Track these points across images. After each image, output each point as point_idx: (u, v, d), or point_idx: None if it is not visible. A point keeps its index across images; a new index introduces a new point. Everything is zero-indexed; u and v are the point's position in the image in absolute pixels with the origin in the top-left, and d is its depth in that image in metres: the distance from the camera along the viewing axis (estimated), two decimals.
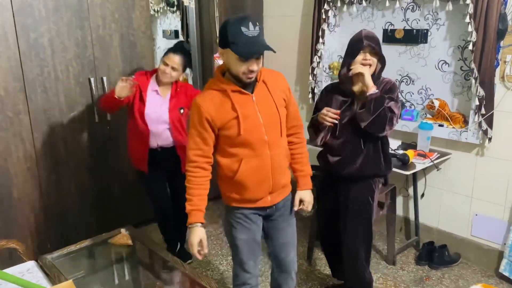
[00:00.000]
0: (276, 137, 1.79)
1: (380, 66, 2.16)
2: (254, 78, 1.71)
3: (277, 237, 1.98)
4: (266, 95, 1.76)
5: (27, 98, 2.69)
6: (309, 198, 1.97)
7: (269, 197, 1.87)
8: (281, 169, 1.86)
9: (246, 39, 1.56)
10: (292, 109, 1.89)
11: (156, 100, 2.64)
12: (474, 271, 2.88)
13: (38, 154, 2.79)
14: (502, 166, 2.72)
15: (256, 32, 1.58)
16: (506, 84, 2.61)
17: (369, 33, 2.15)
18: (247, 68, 1.63)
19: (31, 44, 2.65)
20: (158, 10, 4.05)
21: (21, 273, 1.93)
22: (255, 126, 1.73)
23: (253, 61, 1.62)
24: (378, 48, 2.13)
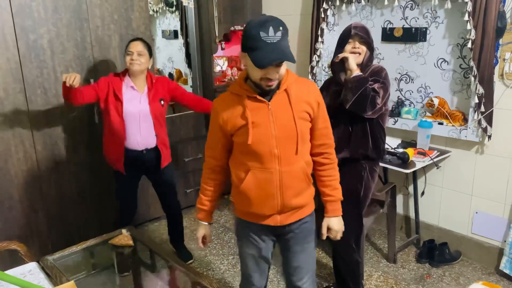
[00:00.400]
0: (289, 152, 1.62)
1: (369, 54, 2.27)
2: (276, 85, 1.59)
3: (290, 259, 1.84)
4: (285, 105, 1.61)
5: (27, 99, 2.69)
6: (337, 226, 1.79)
7: (278, 217, 1.72)
8: (293, 189, 1.68)
9: (264, 45, 1.44)
10: (320, 126, 1.69)
11: (134, 95, 2.62)
12: (474, 269, 2.89)
13: (39, 155, 2.80)
14: (502, 163, 2.72)
15: (277, 38, 1.44)
16: (505, 82, 2.61)
17: (358, 24, 2.29)
18: (264, 75, 1.52)
19: (31, 46, 2.65)
20: (157, 10, 4.05)
21: (23, 274, 1.93)
22: (266, 137, 1.60)
23: (272, 69, 1.51)
24: (367, 37, 2.25)
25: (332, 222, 1.78)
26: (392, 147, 2.95)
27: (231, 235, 3.37)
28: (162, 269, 2.25)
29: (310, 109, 1.64)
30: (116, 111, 2.59)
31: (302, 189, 1.70)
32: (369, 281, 2.77)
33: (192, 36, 3.70)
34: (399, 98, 3.20)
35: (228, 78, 4.04)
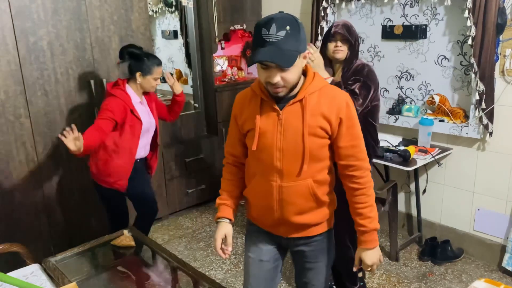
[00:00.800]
0: (293, 168, 1.50)
1: (350, 51, 2.27)
2: (287, 92, 1.45)
3: (299, 273, 1.76)
4: (297, 117, 1.47)
5: (28, 101, 2.70)
6: (370, 260, 1.58)
7: (281, 228, 1.62)
8: (295, 206, 1.55)
9: (261, 43, 1.35)
10: (343, 144, 1.50)
11: (144, 110, 2.61)
12: (477, 266, 2.88)
13: (40, 157, 2.80)
14: (503, 160, 2.72)
15: (277, 37, 1.33)
16: (506, 78, 2.61)
17: (339, 22, 2.31)
18: (266, 79, 1.41)
19: (31, 48, 2.65)
20: (157, 10, 4.05)
21: (25, 276, 1.93)
22: (269, 147, 1.50)
23: (274, 71, 1.38)
24: (348, 34, 2.25)
25: (365, 254, 1.58)
26: (393, 145, 2.95)
27: (234, 234, 3.37)
28: (164, 269, 2.26)
29: (327, 125, 1.47)
30: (132, 131, 2.51)
31: (309, 208, 1.57)
32: (371, 280, 2.77)
33: (192, 36, 3.70)
34: (399, 95, 3.20)
35: (228, 77, 4.04)
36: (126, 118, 2.47)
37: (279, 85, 1.41)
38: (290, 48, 1.35)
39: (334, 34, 2.25)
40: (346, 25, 2.28)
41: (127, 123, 2.49)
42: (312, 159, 1.49)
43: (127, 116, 2.48)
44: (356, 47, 2.28)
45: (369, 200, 1.56)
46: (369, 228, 1.55)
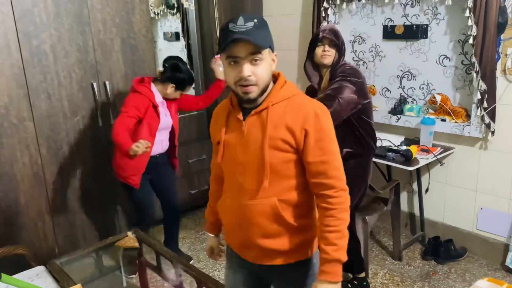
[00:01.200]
0: (255, 184, 1.34)
1: (338, 55, 2.30)
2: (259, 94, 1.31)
3: None
4: (259, 128, 1.33)
5: (31, 104, 2.71)
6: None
7: (249, 252, 1.45)
8: (260, 228, 1.38)
9: (230, 34, 1.23)
10: (311, 159, 1.30)
11: (164, 110, 2.71)
12: (480, 265, 2.88)
13: (44, 160, 2.82)
14: (506, 159, 2.72)
15: (246, 27, 1.22)
16: (507, 77, 2.61)
17: (326, 27, 2.33)
18: (237, 75, 1.27)
19: (34, 51, 2.67)
20: (158, 12, 4.06)
21: (30, 278, 1.95)
22: (232, 161, 1.40)
23: (244, 63, 1.26)
24: (336, 39, 2.28)
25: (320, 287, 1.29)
26: (395, 144, 2.95)
27: None
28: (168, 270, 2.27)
29: (291, 138, 1.30)
30: (149, 128, 2.60)
31: (275, 231, 1.38)
32: (375, 279, 2.77)
33: (194, 37, 3.71)
34: (401, 95, 3.20)
35: None
36: (146, 115, 2.58)
37: (251, 80, 1.27)
38: (260, 34, 1.25)
39: (322, 39, 2.29)
40: (333, 29, 2.31)
41: (146, 119, 2.59)
42: (275, 175, 1.33)
43: (147, 112, 2.58)
44: (343, 52, 2.31)
45: (339, 224, 1.30)
46: (332, 257, 1.28)
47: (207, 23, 3.63)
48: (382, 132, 3.23)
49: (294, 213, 1.38)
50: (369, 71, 3.38)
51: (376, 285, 2.72)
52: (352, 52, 3.46)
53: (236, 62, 1.27)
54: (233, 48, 1.25)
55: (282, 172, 1.34)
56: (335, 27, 2.35)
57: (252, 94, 1.31)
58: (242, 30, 1.22)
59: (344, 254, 1.30)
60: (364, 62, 3.40)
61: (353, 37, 3.43)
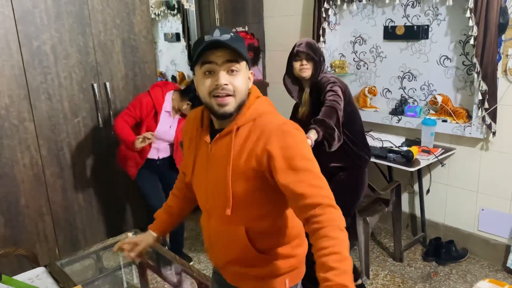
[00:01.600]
0: (218, 210, 1.26)
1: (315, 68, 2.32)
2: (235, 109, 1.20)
3: None
4: (224, 153, 1.22)
5: (32, 105, 2.71)
6: None
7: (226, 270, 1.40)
8: (227, 254, 1.33)
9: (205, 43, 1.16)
10: (285, 181, 1.11)
11: (167, 121, 2.75)
12: (481, 266, 2.87)
13: (44, 161, 2.82)
14: (507, 159, 2.71)
15: (223, 38, 1.14)
16: (509, 78, 2.60)
17: (302, 41, 2.35)
18: (212, 83, 1.16)
19: (34, 52, 2.67)
20: (159, 13, 4.06)
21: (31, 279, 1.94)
22: (198, 183, 1.34)
23: (221, 72, 1.16)
24: (312, 52, 2.30)
25: None
26: (396, 145, 2.95)
27: None
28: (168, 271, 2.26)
29: (255, 164, 1.17)
30: (147, 130, 2.66)
31: (248, 259, 1.29)
32: (376, 280, 2.77)
33: (194, 38, 3.71)
34: (402, 96, 3.20)
35: None
36: (147, 117, 2.65)
37: (227, 90, 1.16)
38: (238, 46, 1.16)
39: (298, 53, 2.31)
40: (309, 43, 2.33)
41: (146, 122, 2.66)
42: (241, 204, 1.22)
43: (148, 116, 2.65)
44: (321, 64, 2.33)
45: (334, 244, 1.02)
46: (335, 282, 0.97)
47: (208, 24, 3.63)
48: (383, 133, 3.23)
49: (267, 242, 1.28)
50: (370, 72, 3.37)
51: (377, 286, 2.71)
52: (353, 53, 3.46)
53: (211, 72, 1.17)
54: (209, 54, 1.16)
55: (250, 201, 1.22)
56: (311, 41, 2.37)
57: (229, 107, 1.18)
58: (220, 40, 1.14)
59: (351, 279, 0.99)
60: (364, 63, 3.40)
61: (353, 37, 3.42)
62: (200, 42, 1.17)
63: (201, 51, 1.16)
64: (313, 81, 2.34)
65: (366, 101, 3.34)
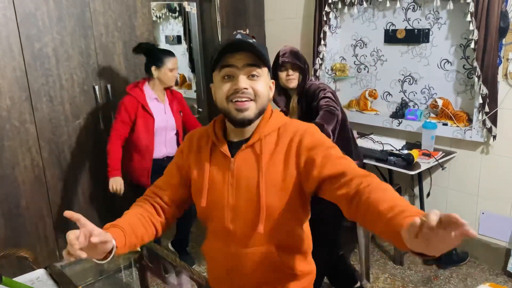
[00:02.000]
0: (248, 230, 1.16)
1: (302, 76, 2.29)
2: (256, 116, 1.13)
3: None
4: (252, 164, 1.15)
5: (33, 107, 2.72)
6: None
7: None
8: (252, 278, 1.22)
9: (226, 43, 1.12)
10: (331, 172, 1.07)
11: (159, 107, 2.70)
12: (482, 270, 2.87)
13: (45, 162, 2.82)
14: (507, 163, 2.71)
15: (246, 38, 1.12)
16: (509, 82, 2.61)
17: (286, 50, 2.28)
18: (231, 87, 1.10)
19: (36, 54, 2.68)
20: (160, 16, 4.07)
21: (31, 281, 1.94)
22: (219, 205, 1.18)
23: (240, 76, 1.10)
24: (297, 61, 2.25)
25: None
26: (396, 148, 2.95)
27: None
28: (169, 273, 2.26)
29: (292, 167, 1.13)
30: (145, 127, 2.64)
31: (274, 280, 1.23)
32: (376, 284, 2.76)
33: (195, 41, 3.72)
34: (403, 99, 3.20)
35: None
36: (138, 114, 2.61)
37: (248, 94, 1.10)
38: (262, 49, 1.12)
39: (283, 64, 2.25)
40: (293, 51, 2.28)
41: (139, 118, 2.61)
42: (274, 219, 1.14)
43: (138, 111, 2.60)
44: (307, 71, 2.29)
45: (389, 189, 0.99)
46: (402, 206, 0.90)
47: (209, 27, 3.64)
48: (383, 136, 3.23)
49: (296, 259, 1.23)
50: (371, 75, 3.38)
51: None
52: (354, 56, 3.47)
53: (230, 76, 1.11)
54: (229, 57, 1.10)
55: (282, 214, 1.14)
56: (295, 49, 2.32)
57: (249, 113, 1.11)
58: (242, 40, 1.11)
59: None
60: (365, 66, 3.40)
61: (354, 41, 3.43)
62: (219, 46, 1.12)
63: (222, 53, 1.10)
64: (300, 90, 2.30)
65: (367, 104, 3.35)
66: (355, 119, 3.40)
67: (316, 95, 2.24)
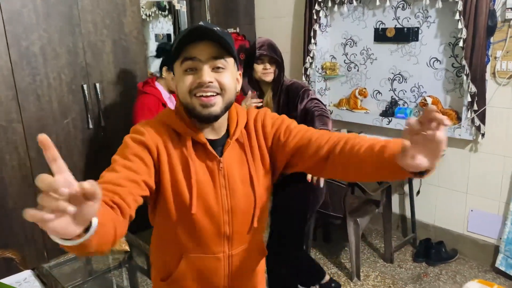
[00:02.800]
0: (244, 229, 1.14)
1: (278, 71, 2.21)
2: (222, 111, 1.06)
3: None
4: (240, 160, 1.12)
5: (20, 106, 2.68)
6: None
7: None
8: (246, 275, 1.24)
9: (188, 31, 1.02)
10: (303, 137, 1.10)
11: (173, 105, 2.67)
12: (471, 267, 2.90)
13: (33, 163, 2.78)
14: (495, 161, 2.74)
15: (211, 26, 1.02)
16: (497, 80, 2.63)
17: (264, 42, 2.19)
18: (194, 81, 1.02)
19: (23, 53, 2.64)
20: (150, 14, 4.04)
21: (18, 282, 1.92)
22: (214, 210, 1.10)
23: (204, 68, 1.01)
24: (275, 54, 2.18)
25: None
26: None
27: None
28: None
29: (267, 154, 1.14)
30: None
31: (256, 270, 1.28)
32: (366, 282, 2.77)
33: None
34: (392, 98, 3.21)
35: None
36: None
37: (214, 88, 1.02)
38: (228, 38, 1.02)
39: (260, 56, 2.16)
40: (271, 44, 2.20)
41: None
42: (261, 207, 1.15)
43: (160, 109, 2.55)
44: (282, 64, 2.22)
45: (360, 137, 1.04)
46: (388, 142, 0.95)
47: None
48: (373, 134, 3.24)
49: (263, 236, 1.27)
50: (361, 74, 3.39)
51: None
52: (344, 55, 3.47)
53: (193, 69, 1.03)
54: (191, 49, 1.01)
55: (267, 201, 1.17)
56: (272, 41, 2.23)
57: (215, 108, 1.03)
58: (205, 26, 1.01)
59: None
60: (355, 65, 3.41)
61: (344, 39, 3.44)
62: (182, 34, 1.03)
63: (182, 42, 1.01)
64: (276, 85, 2.22)
65: (357, 103, 3.35)
66: (345, 117, 3.41)
67: (301, 95, 2.19)
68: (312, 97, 2.21)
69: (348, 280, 2.79)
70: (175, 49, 1.03)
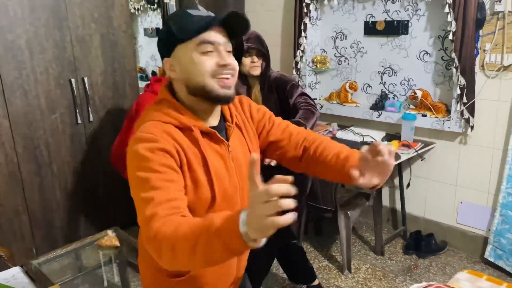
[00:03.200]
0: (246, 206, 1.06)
1: (265, 64, 2.19)
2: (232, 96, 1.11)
3: None
4: (241, 142, 1.19)
5: (6, 101, 2.63)
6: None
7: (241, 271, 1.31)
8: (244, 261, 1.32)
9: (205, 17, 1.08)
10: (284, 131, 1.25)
11: None
12: (460, 258, 2.92)
13: (20, 158, 2.74)
14: (484, 153, 2.76)
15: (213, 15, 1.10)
16: (486, 73, 2.64)
17: (251, 35, 2.15)
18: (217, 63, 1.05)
19: (8, 46, 2.59)
20: (139, 8, 4.00)
21: (6, 279, 1.89)
22: (231, 195, 1.14)
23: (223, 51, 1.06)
24: (262, 47, 2.15)
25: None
26: (376, 140, 2.97)
27: None
28: None
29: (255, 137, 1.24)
30: None
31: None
32: (357, 274, 2.79)
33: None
34: (382, 91, 3.22)
35: None
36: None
37: (232, 70, 1.08)
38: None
39: (248, 49, 2.12)
40: (258, 37, 2.17)
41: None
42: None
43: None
44: (269, 57, 2.19)
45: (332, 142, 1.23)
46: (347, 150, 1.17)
47: None
48: (363, 128, 3.24)
49: None
50: (351, 67, 3.39)
51: (359, 280, 2.73)
52: (334, 48, 3.47)
53: (209, 52, 1.06)
54: (210, 33, 1.05)
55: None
56: (258, 33, 2.18)
57: (232, 90, 1.09)
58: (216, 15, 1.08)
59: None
60: (345, 58, 3.41)
61: (334, 33, 3.43)
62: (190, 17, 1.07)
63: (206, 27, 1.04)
64: (263, 79, 2.20)
65: (347, 96, 3.36)
66: (335, 111, 3.41)
67: (289, 90, 2.18)
68: (300, 92, 2.20)
69: (339, 272, 2.80)
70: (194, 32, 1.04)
